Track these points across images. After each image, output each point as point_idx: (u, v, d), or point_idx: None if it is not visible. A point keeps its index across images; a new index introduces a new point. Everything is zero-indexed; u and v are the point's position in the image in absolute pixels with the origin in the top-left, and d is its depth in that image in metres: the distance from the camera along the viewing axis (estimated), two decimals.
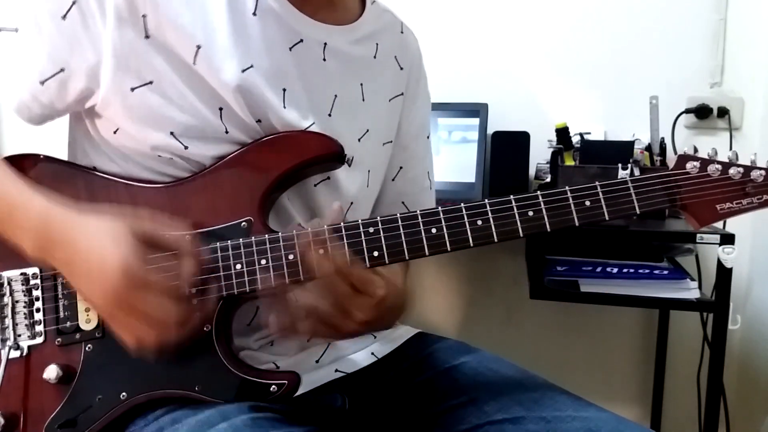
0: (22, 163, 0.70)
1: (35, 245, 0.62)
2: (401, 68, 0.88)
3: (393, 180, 0.91)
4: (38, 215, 0.62)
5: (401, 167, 0.92)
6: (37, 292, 0.67)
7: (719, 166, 0.66)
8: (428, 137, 0.96)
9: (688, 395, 1.58)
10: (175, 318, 0.59)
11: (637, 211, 0.66)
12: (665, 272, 1.22)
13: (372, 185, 0.85)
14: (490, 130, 1.51)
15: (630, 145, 1.34)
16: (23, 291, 0.67)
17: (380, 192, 0.90)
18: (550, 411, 0.69)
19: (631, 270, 1.23)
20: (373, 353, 0.81)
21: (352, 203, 0.81)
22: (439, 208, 0.66)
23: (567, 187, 0.66)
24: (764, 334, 1.50)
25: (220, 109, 0.69)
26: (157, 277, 0.59)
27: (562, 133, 1.40)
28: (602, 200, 0.66)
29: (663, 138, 1.41)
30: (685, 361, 1.58)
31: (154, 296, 0.59)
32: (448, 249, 0.66)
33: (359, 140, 0.81)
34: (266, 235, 0.66)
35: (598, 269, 1.25)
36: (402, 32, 0.89)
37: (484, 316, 1.71)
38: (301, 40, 0.74)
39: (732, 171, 0.66)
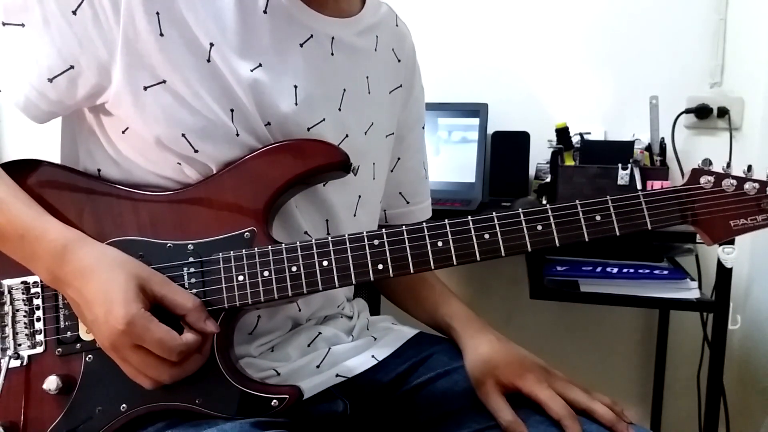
0: (21, 169, 0.68)
1: (49, 278, 0.64)
2: (399, 60, 0.88)
3: (392, 171, 0.92)
4: (52, 250, 0.62)
5: (399, 158, 0.92)
6: (37, 301, 0.66)
7: (734, 181, 0.64)
8: (423, 128, 0.96)
9: (688, 395, 1.58)
10: (168, 377, 0.61)
11: (649, 227, 0.64)
12: (665, 272, 1.22)
13: (378, 177, 0.85)
14: (490, 130, 1.51)
15: (630, 145, 1.34)
16: (24, 300, 0.66)
17: None
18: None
19: (631, 270, 1.23)
20: (373, 356, 0.81)
21: (360, 196, 0.81)
22: (446, 221, 0.65)
23: (577, 201, 0.65)
24: (764, 334, 1.50)
25: (232, 110, 0.68)
26: (154, 341, 0.59)
27: (562, 133, 1.40)
28: (613, 215, 0.64)
29: (663, 138, 1.41)
30: (685, 361, 1.58)
31: (152, 358, 0.60)
32: (455, 263, 0.64)
33: (365, 133, 0.81)
34: (269, 246, 0.65)
35: (598, 269, 1.25)
36: (397, 25, 0.89)
37: (483, 316, 1.69)
38: (312, 36, 0.73)
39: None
